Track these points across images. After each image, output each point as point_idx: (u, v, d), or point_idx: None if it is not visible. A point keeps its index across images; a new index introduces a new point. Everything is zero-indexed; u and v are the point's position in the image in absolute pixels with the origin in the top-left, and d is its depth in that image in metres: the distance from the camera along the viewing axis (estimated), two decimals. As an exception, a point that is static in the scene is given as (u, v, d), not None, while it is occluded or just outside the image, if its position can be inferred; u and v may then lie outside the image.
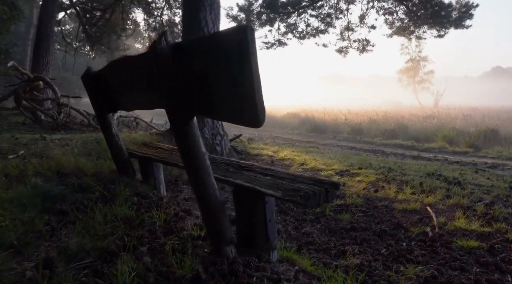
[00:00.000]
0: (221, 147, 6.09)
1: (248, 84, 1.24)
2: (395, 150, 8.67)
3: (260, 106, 1.28)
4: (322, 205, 1.78)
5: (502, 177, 4.88)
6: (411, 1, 10.90)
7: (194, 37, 6.41)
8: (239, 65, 1.24)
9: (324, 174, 4.55)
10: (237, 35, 1.20)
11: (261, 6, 11.03)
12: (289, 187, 1.70)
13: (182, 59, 1.49)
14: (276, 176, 1.93)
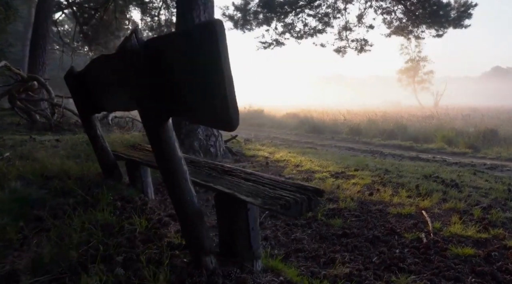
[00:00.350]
0: (215, 148, 5.99)
1: (218, 83, 1.14)
2: (393, 150, 8.57)
3: (232, 108, 1.18)
4: (305, 214, 1.68)
5: (500, 179, 4.78)
6: (410, 1, 10.80)
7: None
8: (209, 63, 1.14)
9: (318, 176, 4.44)
10: (206, 30, 1.10)
11: (258, 5, 10.92)
12: (270, 194, 1.60)
13: (153, 57, 1.39)
14: (258, 182, 1.83)
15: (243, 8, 10.94)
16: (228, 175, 2.06)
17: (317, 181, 4.16)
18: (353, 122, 13.31)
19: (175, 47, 1.28)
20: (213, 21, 1.08)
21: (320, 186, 3.89)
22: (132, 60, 1.41)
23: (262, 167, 5.16)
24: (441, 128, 11.80)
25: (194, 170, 2.31)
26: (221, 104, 1.19)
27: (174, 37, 1.30)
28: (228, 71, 1.13)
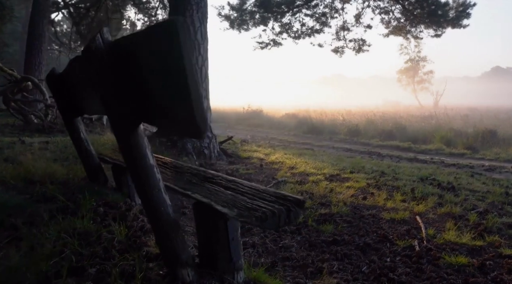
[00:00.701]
0: (209, 150, 5.90)
1: (183, 89, 1.05)
2: (391, 152, 8.47)
3: (199, 116, 1.09)
4: (283, 227, 1.59)
5: (498, 182, 4.68)
6: (408, 0, 10.70)
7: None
8: (171, 67, 1.05)
9: (312, 179, 4.35)
10: (166, 30, 1.01)
11: (254, 5, 10.82)
12: (248, 204, 1.51)
13: (120, 58, 1.30)
14: (238, 190, 1.73)
15: (238, 8, 10.84)
16: (208, 183, 1.97)
17: (310, 184, 4.07)
18: (352, 122, 13.21)
19: (139, 48, 1.19)
20: (173, 20, 0.99)
21: (313, 190, 3.81)
22: (97, 62, 1.32)
23: (256, 170, 5.07)
24: (439, 129, 11.70)
25: (175, 176, 2.22)
26: (187, 111, 1.09)
27: (138, 36, 1.21)
28: (193, 76, 1.04)
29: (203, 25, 6.22)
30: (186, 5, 6.09)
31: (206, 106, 6.15)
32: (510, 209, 3.30)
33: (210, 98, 6.57)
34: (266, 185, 4.06)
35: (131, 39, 1.25)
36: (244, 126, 15.58)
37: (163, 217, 1.56)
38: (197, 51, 6.08)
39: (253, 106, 20.77)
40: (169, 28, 0.97)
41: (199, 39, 6.13)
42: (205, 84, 6.19)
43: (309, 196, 3.58)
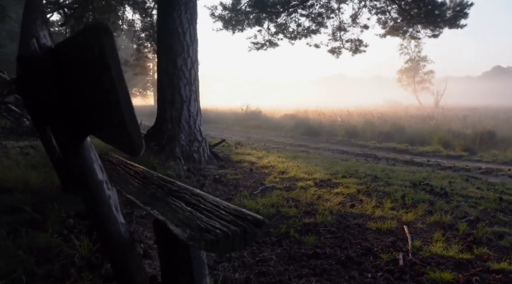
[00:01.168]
0: (198, 154, 5.78)
1: (112, 101, 0.93)
2: (387, 154, 8.33)
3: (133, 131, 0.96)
4: (238, 250, 1.46)
5: (493, 186, 4.55)
6: (404, 0, 10.56)
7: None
8: (99, 75, 0.92)
9: (301, 185, 4.22)
10: (90, 37, 0.89)
11: (248, 5, 10.69)
12: (202, 224, 1.38)
13: (57, 66, 1.17)
14: (198, 207, 1.61)
15: (232, 8, 10.71)
16: (172, 197, 1.84)
17: (298, 190, 3.94)
18: (350, 124, 13.07)
19: (69, 55, 1.07)
20: (97, 26, 0.86)
21: (300, 197, 3.69)
22: (32, 69, 1.20)
23: (245, 175, 4.95)
24: (438, 130, 11.55)
25: (141, 188, 2.09)
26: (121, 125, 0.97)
27: (68, 42, 1.09)
28: (122, 89, 0.91)
29: (192, 26, 6.11)
30: (174, 6, 5.97)
31: (196, 109, 6.04)
32: (502, 217, 3.17)
33: (209, 99, 6.47)
34: (253, 192, 3.94)
35: (64, 44, 1.13)
36: (241, 128, 15.46)
37: (114, 237, 1.44)
38: (185, 52, 5.96)
39: (251, 107, 20.65)
40: (92, 34, 0.85)
41: (188, 40, 6.01)
42: (195, 87, 6.07)
43: (295, 203, 3.46)
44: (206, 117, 19.97)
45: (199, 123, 6.05)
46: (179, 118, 5.83)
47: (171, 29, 5.97)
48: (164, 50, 6.09)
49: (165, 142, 5.64)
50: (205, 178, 4.65)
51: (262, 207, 3.31)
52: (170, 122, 5.83)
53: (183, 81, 5.92)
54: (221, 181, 4.47)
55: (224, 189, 4.15)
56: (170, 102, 5.89)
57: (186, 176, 4.67)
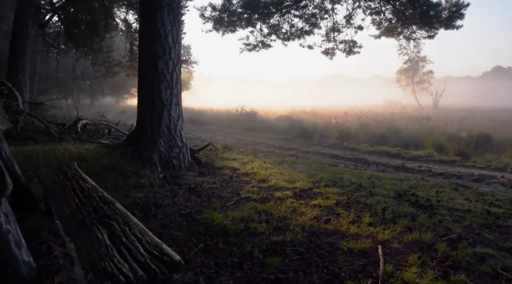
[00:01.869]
0: (178, 160, 5.56)
1: None
2: (379, 158, 8.11)
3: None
4: None
5: (482, 197, 4.33)
6: (399, 0, 10.34)
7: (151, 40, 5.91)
8: None
9: (278, 196, 4.01)
10: None
11: (239, 6, 10.47)
12: (109, 267, 1.17)
13: None
14: (120, 240, 1.40)
15: (223, 9, 10.48)
16: (101, 224, 1.62)
17: (273, 202, 3.72)
18: (344, 126, 12.85)
19: None
20: None
21: (274, 210, 3.47)
22: None
23: (223, 183, 4.73)
24: (433, 133, 11.34)
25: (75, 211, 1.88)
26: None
27: None
28: None
29: (175, 28, 5.89)
30: (156, 7, 5.77)
31: (178, 114, 5.82)
32: (487, 235, 2.95)
33: (206, 100, 6.25)
34: (226, 203, 3.73)
35: None
36: (235, 129, 15.24)
37: (14, 280, 1.23)
38: (167, 55, 5.75)
39: (246, 107, 20.42)
40: None
41: (170, 42, 5.80)
42: (177, 90, 5.86)
43: (267, 218, 3.24)
44: (200, 118, 19.79)
45: (180, 128, 5.83)
46: (159, 123, 5.62)
47: (152, 30, 5.77)
48: (145, 52, 5.89)
49: (144, 148, 5.43)
50: (180, 187, 4.43)
51: (231, 222, 3.09)
52: (149, 127, 5.62)
53: (164, 84, 5.71)
54: (195, 191, 4.25)
55: (197, 199, 3.94)
56: (150, 106, 5.68)
57: (160, 185, 4.45)
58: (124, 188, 4.13)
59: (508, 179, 5.83)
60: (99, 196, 2.12)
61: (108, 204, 1.94)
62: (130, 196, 3.87)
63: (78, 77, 21.57)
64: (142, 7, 6.08)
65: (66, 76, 25.76)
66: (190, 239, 2.84)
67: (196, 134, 13.16)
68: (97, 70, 18.25)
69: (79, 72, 21.26)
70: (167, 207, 3.67)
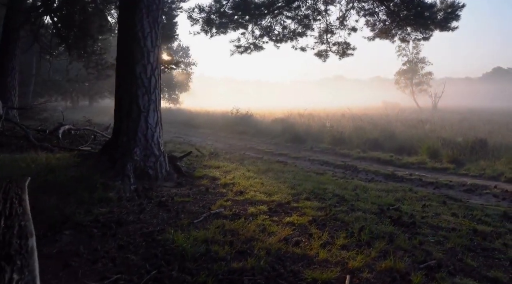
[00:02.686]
0: (154, 170, 5.31)
1: None
2: (369, 165, 7.86)
3: None
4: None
5: (471, 212, 4.07)
6: (393, 1, 10.09)
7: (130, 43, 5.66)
8: None
9: (251, 211, 3.75)
10: None
11: (230, 7, 10.23)
12: None
13: None
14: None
15: (209, 10, 10.23)
16: None
17: (243, 220, 3.46)
18: (337, 130, 12.60)
19: None
20: None
21: (242, 229, 3.20)
22: None
23: (197, 195, 4.47)
24: (428, 137, 11.09)
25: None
26: None
27: None
28: None
29: (154, 31, 5.65)
30: (134, 9, 5.52)
31: (156, 120, 5.56)
32: (469, 261, 2.69)
33: (204, 101, 6.00)
34: (193, 220, 3.48)
35: None
36: (227, 133, 14.99)
37: None
38: (145, 59, 5.50)
39: (242, 110, 20.17)
40: None
41: (149, 46, 5.56)
42: (155, 96, 5.60)
43: (232, 239, 2.98)
44: (195, 121, 19.55)
45: (158, 136, 5.57)
46: (135, 130, 5.36)
47: (130, 33, 5.52)
48: (122, 56, 5.64)
49: (118, 157, 5.17)
50: (150, 200, 4.17)
51: (192, 244, 2.84)
52: (125, 135, 5.37)
53: (141, 89, 5.45)
54: (165, 205, 3.99)
55: (165, 215, 3.68)
56: (127, 112, 5.43)
57: (129, 199, 4.19)
58: (88, 203, 3.88)
59: (501, 189, 5.57)
60: (20, 226, 1.87)
61: (22, 239, 1.69)
62: (93, 212, 3.62)
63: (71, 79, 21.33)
64: (120, 9, 5.83)
65: (63, 78, 25.55)
66: (144, 265, 2.59)
67: (187, 138, 12.92)
68: (89, 73, 18.00)
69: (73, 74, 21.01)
70: (130, 225, 3.41)
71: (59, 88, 31.46)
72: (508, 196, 5.17)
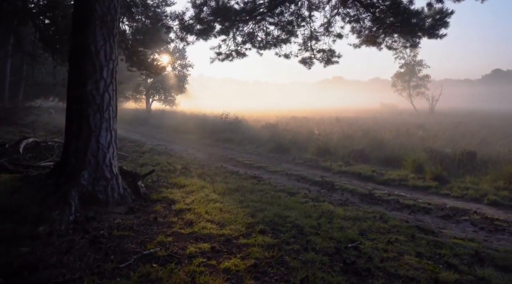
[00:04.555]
0: (105, 194, 4.91)
1: None
2: (349, 182, 7.45)
3: None
4: None
5: (440, 250, 3.66)
6: (378, 8, 9.68)
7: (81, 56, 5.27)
8: None
9: (191, 251, 3.34)
10: None
11: (209, 14, 9.82)
12: None
13: None
14: None
15: (180, 18, 9.81)
16: None
17: (173, 265, 3.05)
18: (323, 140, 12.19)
19: None
20: None
21: (167, 280, 2.80)
22: None
23: (142, 227, 4.08)
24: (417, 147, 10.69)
25: None
26: None
27: None
28: None
29: (109, 43, 5.26)
30: (87, 20, 5.14)
31: (108, 141, 5.16)
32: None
33: (200, 103, 5.59)
34: (119, 265, 3.07)
35: None
36: (213, 140, 14.57)
37: None
38: (98, 74, 5.12)
39: (231, 115, 19.77)
40: None
41: (102, 60, 5.17)
42: (108, 114, 5.21)
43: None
44: (183, 127, 19.10)
45: (111, 157, 5.17)
46: (85, 151, 4.97)
47: (82, 46, 5.13)
48: (73, 71, 5.25)
49: (63, 181, 4.78)
50: (84, 235, 3.76)
51: (99, 305, 2.44)
52: (74, 156, 4.97)
53: (92, 107, 5.06)
54: (99, 242, 3.59)
55: (93, 256, 3.27)
56: (76, 132, 5.03)
57: (61, 233, 3.78)
58: (12, 239, 3.48)
59: (481, 215, 5.16)
60: None
61: None
62: (10, 254, 3.22)
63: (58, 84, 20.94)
64: (73, 21, 5.44)
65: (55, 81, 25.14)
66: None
67: (170, 146, 12.52)
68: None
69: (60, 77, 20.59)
70: (47, 270, 3.01)
71: (52, 90, 31.04)
72: (487, 224, 4.77)
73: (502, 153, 10.37)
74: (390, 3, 9.48)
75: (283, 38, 10.97)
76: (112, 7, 5.33)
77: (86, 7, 5.15)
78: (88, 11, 5.14)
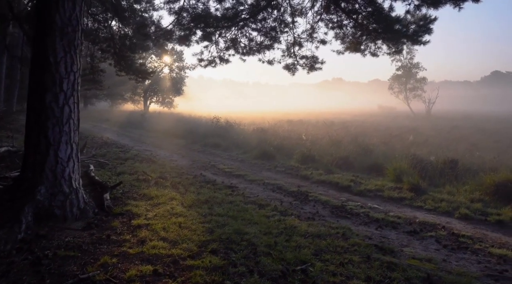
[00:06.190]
0: (62, 210, 4.81)
1: None
2: (324, 192, 7.34)
3: None
4: None
5: (391, 274, 3.54)
6: (360, 14, 9.58)
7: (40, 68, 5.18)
8: None
9: (131, 274, 3.24)
10: None
11: (189, 20, 9.74)
12: None
13: None
14: None
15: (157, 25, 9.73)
16: None
17: (105, 294, 2.96)
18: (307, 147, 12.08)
19: None
20: None
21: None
22: None
23: (92, 245, 3.97)
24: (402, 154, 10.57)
25: None
26: None
27: None
28: None
29: (70, 55, 5.16)
30: (46, 31, 5.05)
31: (68, 154, 5.07)
32: None
33: (199, 104, 5.50)
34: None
35: None
36: (200, 146, 14.48)
37: None
38: (57, 86, 5.03)
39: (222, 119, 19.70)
40: None
41: (62, 72, 5.08)
42: (69, 127, 5.12)
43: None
44: (174, 130, 19.01)
45: (71, 171, 5.08)
46: (43, 165, 4.87)
47: (41, 58, 5.05)
48: (32, 83, 5.15)
49: (18, 196, 4.69)
50: (28, 256, 3.66)
51: None
52: (31, 170, 4.88)
53: (51, 120, 4.97)
54: (39, 264, 3.48)
55: (27, 281, 3.18)
56: (34, 145, 4.94)
57: (4, 254, 3.68)
58: (-50, 262, 3.39)
59: (448, 230, 5.05)
60: None
61: None
62: None
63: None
64: (34, 30, 5.35)
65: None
66: None
67: (156, 152, 12.43)
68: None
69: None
70: (-25, 298, 2.92)
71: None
72: (451, 241, 4.65)
73: (487, 160, 10.26)
74: (372, 10, 9.38)
75: (266, 44, 10.88)
76: (74, 17, 5.24)
77: (46, 18, 5.07)
78: (47, 22, 5.05)
